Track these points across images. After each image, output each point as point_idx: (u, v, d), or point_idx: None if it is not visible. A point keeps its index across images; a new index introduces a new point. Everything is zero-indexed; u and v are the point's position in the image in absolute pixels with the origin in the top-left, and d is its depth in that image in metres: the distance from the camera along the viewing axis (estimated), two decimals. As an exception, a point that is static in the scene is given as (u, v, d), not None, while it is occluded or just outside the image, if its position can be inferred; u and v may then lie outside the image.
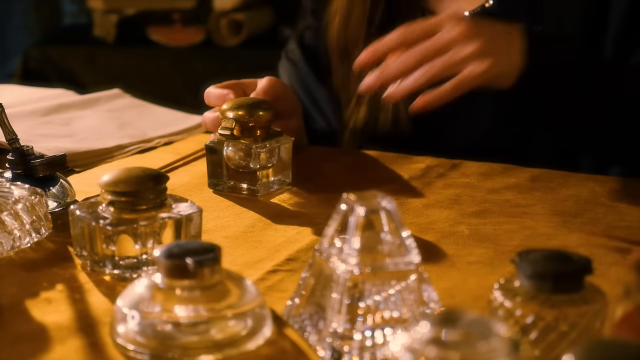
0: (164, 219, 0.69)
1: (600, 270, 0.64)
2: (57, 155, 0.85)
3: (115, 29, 2.48)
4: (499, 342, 0.45)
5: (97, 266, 0.69)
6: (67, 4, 2.92)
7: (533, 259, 0.55)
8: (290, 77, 1.18)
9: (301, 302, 0.61)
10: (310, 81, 1.16)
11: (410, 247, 0.58)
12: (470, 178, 0.94)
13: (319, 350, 0.57)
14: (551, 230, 0.79)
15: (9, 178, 0.83)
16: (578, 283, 0.54)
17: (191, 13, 2.49)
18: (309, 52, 1.17)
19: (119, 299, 0.59)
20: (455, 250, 0.74)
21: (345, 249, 0.57)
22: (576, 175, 0.93)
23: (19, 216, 0.73)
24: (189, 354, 0.56)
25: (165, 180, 0.70)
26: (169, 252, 0.57)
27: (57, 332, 0.60)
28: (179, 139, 1.10)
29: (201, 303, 0.57)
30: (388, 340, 0.56)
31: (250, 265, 0.71)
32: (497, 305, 0.55)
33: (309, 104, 1.16)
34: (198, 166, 1.00)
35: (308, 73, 1.17)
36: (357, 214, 0.57)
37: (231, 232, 0.79)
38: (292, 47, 1.20)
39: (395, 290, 0.57)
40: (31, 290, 0.67)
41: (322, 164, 1.00)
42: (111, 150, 1.03)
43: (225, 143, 0.88)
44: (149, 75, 2.37)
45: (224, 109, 0.88)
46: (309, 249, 0.74)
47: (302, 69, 1.17)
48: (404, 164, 0.99)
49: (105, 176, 0.70)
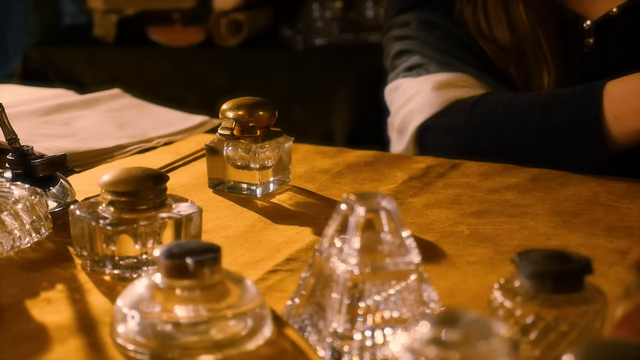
0: (164, 219, 0.69)
1: (600, 270, 0.64)
2: (57, 155, 0.85)
3: (115, 29, 2.48)
4: (499, 342, 0.45)
5: (97, 266, 0.69)
6: (67, 4, 2.92)
7: (533, 259, 0.55)
8: (439, 39, 1.11)
9: (301, 302, 0.61)
10: (465, 37, 1.11)
11: (410, 247, 0.58)
12: (470, 178, 0.94)
13: (319, 350, 0.57)
14: (551, 230, 0.79)
15: (9, 178, 0.83)
16: (578, 283, 0.54)
17: (191, 13, 2.49)
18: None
19: (119, 299, 0.59)
20: (455, 250, 0.74)
21: (345, 249, 0.57)
22: (576, 175, 0.94)
23: (19, 216, 0.73)
24: (189, 354, 0.56)
25: (165, 180, 0.70)
26: (169, 252, 0.57)
27: (57, 332, 0.60)
28: (179, 139, 1.10)
29: (201, 303, 0.57)
30: (388, 340, 0.56)
31: (250, 265, 0.71)
32: (497, 305, 0.55)
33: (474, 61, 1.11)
34: (198, 166, 1.00)
35: (460, 32, 1.11)
36: (357, 214, 0.57)
37: (231, 232, 0.79)
38: (406, 31, 1.14)
39: (395, 290, 0.57)
40: (31, 290, 0.67)
41: (322, 164, 1.00)
42: (111, 150, 1.03)
43: (225, 143, 0.88)
44: (149, 75, 2.37)
45: (224, 109, 0.88)
46: (309, 249, 0.74)
47: (451, 27, 1.11)
48: (404, 164, 0.99)
49: (105, 176, 0.70)
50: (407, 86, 1.11)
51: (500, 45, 1.09)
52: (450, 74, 1.08)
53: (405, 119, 1.10)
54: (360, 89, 2.22)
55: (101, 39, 2.49)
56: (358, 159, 1.02)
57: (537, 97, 1.02)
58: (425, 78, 1.09)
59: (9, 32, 2.79)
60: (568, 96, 0.99)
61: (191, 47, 2.42)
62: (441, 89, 1.06)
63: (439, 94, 1.06)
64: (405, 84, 1.12)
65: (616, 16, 1.07)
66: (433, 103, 1.07)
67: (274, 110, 0.88)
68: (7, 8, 2.77)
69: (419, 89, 1.09)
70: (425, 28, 1.13)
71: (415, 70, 1.11)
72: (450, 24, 1.11)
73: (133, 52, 2.44)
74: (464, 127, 1.05)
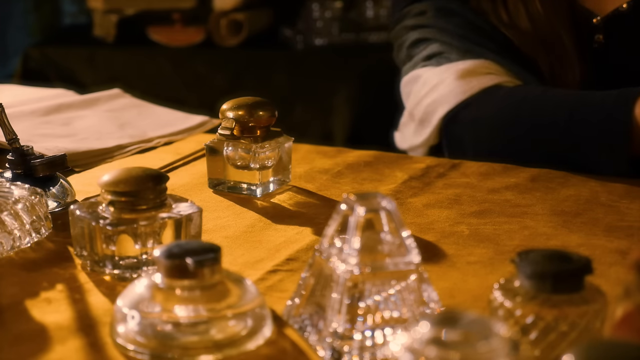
0: (164, 219, 0.69)
1: (600, 270, 0.64)
2: (57, 155, 0.85)
3: (115, 29, 2.48)
4: (499, 342, 0.45)
5: (97, 266, 0.69)
6: (67, 4, 2.92)
7: (533, 259, 0.55)
8: (458, 26, 1.10)
9: (301, 302, 0.61)
10: (484, 24, 1.10)
11: (410, 247, 0.58)
12: (470, 178, 0.94)
13: (319, 350, 0.57)
14: (551, 230, 0.79)
15: (9, 178, 0.83)
16: (578, 283, 0.54)
17: (191, 13, 2.49)
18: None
19: (119, 299, 0.59)
20: (455, 250, 0.74)
21: (345, 249, 0.57)
22: (576, 175, 0.93)
23: (19, 216, 0.73)
24: (189, 354, 0.56)
25: (165, 180, 0.70)
26: (169, 252, 0.57)
27: (57, 332, 0.60)
28: (179, 139, 1.10)
29: (201, 303, 0.57)
30: (388, 340, 0.56)
31: (250, 265, 0.71)
32: (497, 305, 0.55)
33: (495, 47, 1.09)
34: (198, 166, 1.00)
35: (478, 19, 1.10)
36: (357, 214, 0.57)
37: (231, 232, 0.79)
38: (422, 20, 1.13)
39: (395, 290, 0.57)
40: (31, 290, 0.67)
41: (322, 164, 1.00)
42: (111, 150, 1.03)
43: (225, 143, 0.88)
44: (149, 75, 2.37)
45: (224, 109, 0.88)
46: (309, 249, 0.74)
47: (469, 14, 1.10)
48: (404, 164, 0.99)
49: (105, 176, 0.70)
50: (428, 75, 1.09)
51: (524, 33, 1.07)
52: (472, 61, 1.06)
53: (429, 109, 1.08)
54: (360, 89, 2.22)
55: (101, 39, 2.49)
56: (358, 159, 1.02)
57: (567, 95, 1.00)
58: (448, 67, 1.07)
59: (9, 32, 2.79)
60: (599, 98, 0.97)
61: (191, 47, 2.42)
62: (465, 77, 1.05)
63: (463, 82, 1.04)
64: (426, 73, 1.09)
65: (625, 11, 1.06)
66: (458, 92, 1.05)
67: (274, 110, 0.88)
68: (7, 8, 2.77)
69: (441, 77, 1.07)
70: (442, 15, 1.11)
71: (435, 59, 1.09)
72: (467, 11, 1.10)
73: (133, 52, 2.44)
74: (491, 119, 1.03)
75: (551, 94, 1.01)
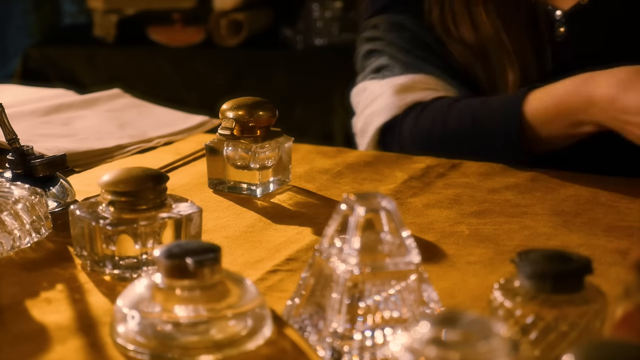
0: (164, 219, 0.69)
1: (600, 270, 0.64)
2: (57, 155, 0.85)
3: (115, 29, 2.48)
4: (499, 342, 0.45)
5: (97, 266, 0.69)
6: (67, 4, 2.92)
7: (533, 259, 0.55)
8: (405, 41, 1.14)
9: (301, 302, 0.61)
10: (431, 39, 1.14)
11: (410, 247, 0.58)
12: (470, 178, 0.94)
13: (319, 350, 0.57)
14: (551, 230, 0.79)
15: (9, 178, 0.83)
16: (578, 283, 0.54)
17: (191, 13, 2.49)
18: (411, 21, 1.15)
19: (119, 299, 0.59)
20: (455, 250, 0.74)
21: (345, 249, 0.57)
22: (576, 175, 0.94)
23: (19, 216, 0.73)
24: (189, 354, 0.56)
25: (165, 180, 0.70)
26: (169, 252, 0.57)
27: (57, 332, 0.60)
28: (179, 139, 1.10)
29: (201, 303, 0.57)
30: (388, 340, 0.56)
31: (250, 265, 0.71)
32: (497, 305, 0.55)
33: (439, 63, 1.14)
34: (198, 166, 1.00)
35: (426, 34, 1.14)
36: (357, 214, 0.57)
37: (231, 232, 0.79)
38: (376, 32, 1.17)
39: (395, 290, 0.57)
40: (31, 290, 0.67)
41: (322, 164, 1.00)
42: (111, 150, 1.03)
43: (225, 143, 0.88)
44: (149, 75, 2.37)
45: (224, 109, 0.88)
46: (309, 249, 0.74)
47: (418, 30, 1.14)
48: (404, 164, 0.99)
49: (105, 176, 0.70)
50: (372, 88, 1.15)
51: (466, 44, 1.11)
52: (412, 76, 1.12)
53: (367, 120, 1.15)
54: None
55: (101, 39, 2.49)
56: (358, 159, 1.02)
57: (474, 103, 1.06)
58: (388, 81, 1.13)
59: (9, 32, 2.79)
60: (498, 101, 1.04)
61: (191, 47, 2.42)
62: (401, 93, 1.11)
63: (398, 98, 1.11)
64: (371, 85, 1.15)
65: (586, 5, 1.08)
66: (392, 107, 1.11)
67: (274, 110, 0.88)
68: (7, 8, 2.78)
69: (381, 91, 1.13)
70: (393, 29, 1.16)
71: (382, 72, 1.15)
72: (417, 27, 1.14)
73: (133, 52, 2.44)
74: (414, 130, 1.09)
75: (462, 103, 1.07)
